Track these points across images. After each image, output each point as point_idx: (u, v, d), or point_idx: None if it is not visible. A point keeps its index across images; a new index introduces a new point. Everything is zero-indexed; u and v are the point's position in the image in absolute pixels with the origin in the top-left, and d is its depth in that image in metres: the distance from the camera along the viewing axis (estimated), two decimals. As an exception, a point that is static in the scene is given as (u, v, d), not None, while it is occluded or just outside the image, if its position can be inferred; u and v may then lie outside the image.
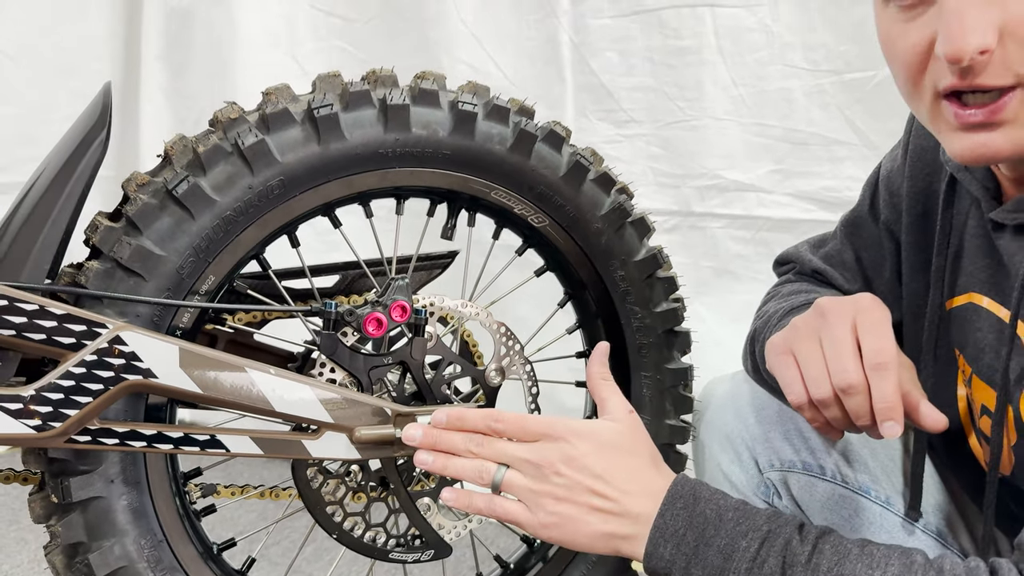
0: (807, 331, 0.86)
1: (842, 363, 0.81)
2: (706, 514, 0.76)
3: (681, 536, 0.76)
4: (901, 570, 0.70)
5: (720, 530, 0.75)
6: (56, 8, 2.29)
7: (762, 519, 0.75)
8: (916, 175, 1.00)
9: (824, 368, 0.82)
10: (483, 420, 0.84)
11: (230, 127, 0.92)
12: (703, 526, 0.76)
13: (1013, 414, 0.85)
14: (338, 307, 0.95)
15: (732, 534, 0.75)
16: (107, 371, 0.84)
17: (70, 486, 0.91)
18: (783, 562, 0.72)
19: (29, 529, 1.87)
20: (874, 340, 0.81)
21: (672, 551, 0.76)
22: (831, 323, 0.83)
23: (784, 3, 1.89)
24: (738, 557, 0.74)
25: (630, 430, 0.83)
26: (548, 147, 1.04)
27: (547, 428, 0.81)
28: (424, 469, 0.85)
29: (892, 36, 0.77)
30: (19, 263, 0.84)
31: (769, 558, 0.73)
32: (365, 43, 2.23)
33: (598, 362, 0.89)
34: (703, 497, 0.78)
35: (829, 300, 0.86)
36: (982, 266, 0.90)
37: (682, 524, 0.76)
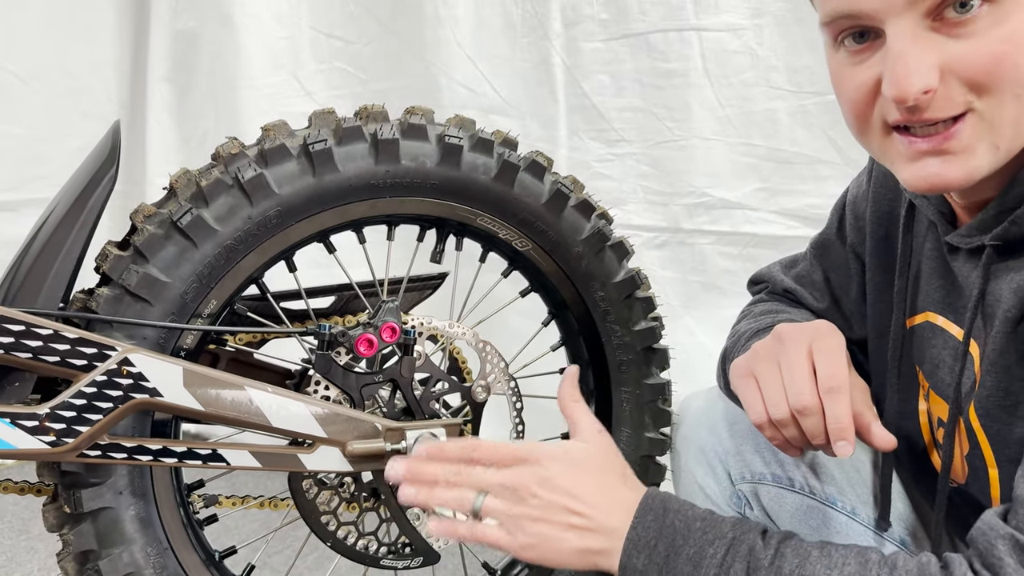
0: (767, 355, 0.91)
1: (798, 386, 0.86)
2: (675, 524, 0.80)
3: (653, 547, 0.80)
4: (857, 568, 0.74)
5: (689, 539, 0.79)
6: (66, 32, 2.34)
7: (727, 527, 0.80)
8: (879, 200, 1.05)
9: (782, 390, 0.88)
10: (460, 451, 0.88)
11: (231, 161, 0.99)
12: (672, 536, 0.80)
13: (965, 426, 0.90)
14: (331, 328, 1.01)
15: (700, 542, 0.79)
16: (116, 390, 0.90)
17: (81, 497, 0.96)
18: (748, 566, 0.76)
19: (39, 538, 1.91)
20: (828, 365, 0.87)
21: (645, 561, 0.80)
22: (788, 349, 0.89)
23: (768, 27, 1.94)
24: (706, 564, 0.78)
25: (600, 449, 0.88)
26: (531, 176, 1.10)
27: (521, 453, 0.85)
28: (408, 503, 0.88)
29: (842, 77, 0.81)
30: (35, 291, 0.90)
31: (735, 563, 0.77)
32: (366, 65, 2.29)
33: (568, 384, 0.93)
34: (672, 508, 0.82)
35: (787, 327, 0.92)
36: (937, 287, 0.95)
37: (653, 535, 0.80)
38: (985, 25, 0.72)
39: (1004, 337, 0.81)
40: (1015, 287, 0.80)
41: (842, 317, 1.15)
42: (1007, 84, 0.73)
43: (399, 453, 1.00)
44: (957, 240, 0.87)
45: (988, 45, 0.72)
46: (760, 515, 1.09)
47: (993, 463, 0.87)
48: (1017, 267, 0.80)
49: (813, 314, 1.15)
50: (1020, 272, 0.80)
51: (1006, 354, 0.81)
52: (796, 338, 0.90)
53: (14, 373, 0.91)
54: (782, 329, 0.92)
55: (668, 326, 2.04)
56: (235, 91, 2.36)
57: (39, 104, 2.32)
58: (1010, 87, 0.73)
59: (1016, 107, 0.74)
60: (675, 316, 2.11)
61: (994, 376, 0.82)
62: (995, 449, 0.86)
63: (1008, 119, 0.75)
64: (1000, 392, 0.82)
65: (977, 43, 0.72)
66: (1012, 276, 0.81)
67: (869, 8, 0.74)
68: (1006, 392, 0.81)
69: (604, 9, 2.04)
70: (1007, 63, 0.72)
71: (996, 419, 0.83)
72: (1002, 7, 0.71)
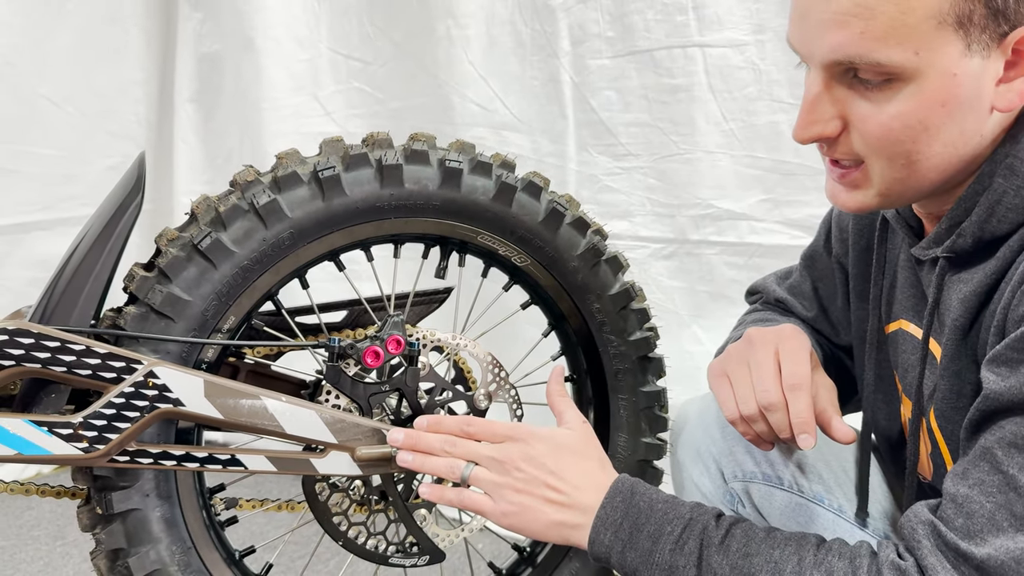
0: (738, 357, 0.98)
1: (764, 384, 0.94)
2: (639, 505, 0.88)
3: (619, 524, 0.88)
4: (796, 548, 0.82)
5: (651, 518, 0.87)
6: (95, 57, 2.42)
7: (686, 509, 0.88)
8: (861, 214, 1.11)
9: (751, 389, 0.95)
10: (457, 425, 0.98)
11: (247, 188, 1.06)
12: (637, 515, 0.88)
13: (927, 426, 0.96)
14: (340, 342, 1.08)
15: (660, 521, 0.87)
16: (142, 401, 0.97)
17: (112, 499, 1.04)
18: (700, 543, 0.84)
19: (74, 544, 1.99)
20: (791, 365, 0.94)
21: (611, 538, 0.88)
22: (757, 350, 0.97)
23: (770, 42, 1.98)
24: (663, 540, 0.85)
25: (583, 437, 0.97)
26: (528, 196, 1.16)
27: (511, 431, 0.95)
28: (405, 467, 0.98)
29: None
30: (69, 310, 0.98)
31: (689, 540, 0.84)
32: (382, 84, 2.36)
33: (555, 381, 1.03)
34: (639, 492, 0.90)
35: (756, 330, 1.00)
36: (909, 295, 1.00)
37: (620, 514, 0.88)
38: (884, 98, 0.78)
39: (955, 344, 0.86)
40: (962, 297, 0.85)
41: (830, 325, 1.21)
42: (893, 154, 0.81)
43: (405, 458, 1.07)
44: (919, 252, 0.93)
45: (882, 117, 0.79)
46: (752, 512, 1.14)
47: (950, 461, 0.92)
48: (965, 278, 0.86)
49: (802, 322, 1.20)
50: (967, 283, 0.85)
51: (957, 360, 0.86)
52: (764, 340, 0.98)
53: (50, 385, 0.99)
54: (752, 333, 1.00)
55: (676, 335, 2.12)
56: (258, 112, 2.44)
57: (70, 126, 2.40)
58: (895, 157, 0.81)
59: (903, 170, 0.82)
60: (683, 325, 2.16)
61: (947, 380, 0.88)
62: (951, 448, 0.91)
63: (895, 178, 0.83)
64: (953, 395, 0.87)
65: (875, 110, 0.79)
66: (960, 287, 0.86)
67: (801, 52, 0.83)
68: (958, 395, 0.86)
69: (610, 27, 2.09)
70: (893, 138, 0.80)
71: (950, 420, 0.88)
72: (905, 87, 0.77)
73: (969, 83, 0.77)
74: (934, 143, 0.80)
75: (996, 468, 0.73)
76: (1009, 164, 0.81)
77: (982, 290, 0.83)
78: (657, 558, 0.85)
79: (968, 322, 0.85)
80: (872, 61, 0.76)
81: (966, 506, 0.74)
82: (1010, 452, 0.73)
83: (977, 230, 0.83)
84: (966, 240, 0.84)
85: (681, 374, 1.58)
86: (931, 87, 0.77)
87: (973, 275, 0.85)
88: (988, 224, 0.82)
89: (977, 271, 0.84)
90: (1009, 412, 0.74)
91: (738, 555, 0.82)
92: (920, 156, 0.80)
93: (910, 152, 0.80)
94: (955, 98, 0.77)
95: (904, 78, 0.77)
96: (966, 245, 0.85)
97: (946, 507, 0.76)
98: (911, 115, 0.78)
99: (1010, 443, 0.73)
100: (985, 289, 0.83)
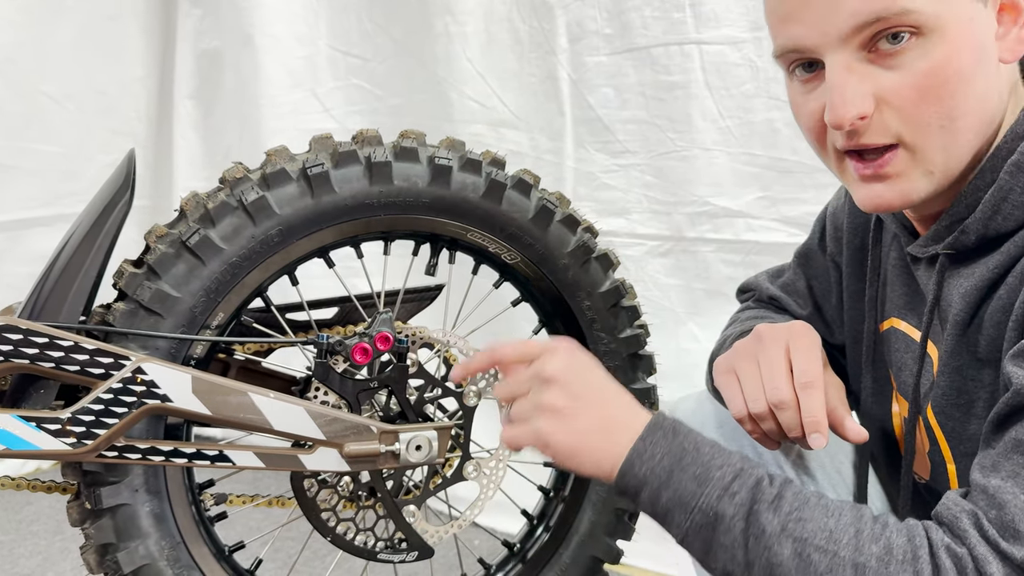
0: (747, 354, 0.97)
1: (775, 382, 0.92)
2: (684, 445, 0.81)
3: (658, 460, 0.81)
4: (853, 519, 0.76)
5: (697, 460, 0.80)
6: (96, 54, 2.44)
7: (736, 458, 0.81)
8: (855, 212, 1.10)
9: (761, 386, 0.93)
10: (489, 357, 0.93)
11: (236, 185, 1.07)
12: (680, 454, 0.81)
13: (925, 424, 0.95)
14: (329, 338, 1.09)
15: (707, 465, 0.80)
16: (131, 396, 0.98)
17: (101, 494, 1.04)
18: (752, 496, 0.77)
19: (72, 539, 2.00)
20: (803, 362, 0.92)
21: (647, 472, 0.81)
22: (767, 347, 0.95)
23: (767, 39, 1.95)
24: (712, 483, 0.79)
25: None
26: (518, 193, 1.17)
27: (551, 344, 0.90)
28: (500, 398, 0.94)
29: (798, 105, 0.87)
30: (58, 306, 0.99)
31: (741, 491, 0.78)
32: (381, 81, 2.36)
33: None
34: (682, 431, 0.83)
35: (766, 327, 0.98)
36: (900, 294, 1.00)
37: (660, 450, 0.81)
38: (912, 57, 0.78)
39: (955, 339, 0.86)
40: (963, 292, 0.85)
41: (824, 323, 1.21)
42: (931, 115, 0.79)
43: (393, 455, 1.08)
44: (916, 250, 0.92)
45: (915, 78, 0.78)
46: None
47: (951, 458, 0.92)
48: (966, 273, 0.86)
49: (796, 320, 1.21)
50: (968, 278, 0.85)
51: (957, 355, 0.86)
52: (774, 337, 0.95)
53: (39, 381, 0.99)
54: (761, 329, 0.98)
55: (673, 332, 2.13)
56: (257, 108, 2.45)
57: (71, 123, 2.42)
58: (934, 117, 0.79)
59: (942, 136, 0.80)
60: (679, 322, 2.16)
61: (947, 376, 0.88)
62: (951, 445, 0.91)
63: (936, 147, 0.81)
64: (953, 391, 0.87)
65: (905, 75, 0.78)
66: (961, 282, 0.86)
67: (811, 43, 0.80)
68: (959, 392, 0.86)
69: (608, 24, 2.10)
70: (931, 96, 0.78)
71: (951, 417, 0.88)
72: (929, 39, 0.77)
73: (983, 29, 0.78)
74: (970, 95, 0.79)
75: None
76: (1016, 161, 0.81)
77: (984, 284, 0.83)
78: (701, 502, 0.79)
79: (969, 317, 0.84)
80: (900, 8, 0.76)
81: (998, 497, 0.72)
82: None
83: (981, 227, 0.83)
84: (969, 237, 0.84)
85: (677, 371, 1.59)
86: (954, 34, 0.77)
87: (974, 270, 0.84)
88: (993, 221, 0.82)
89: (979, 266, 0.84)
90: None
91: (790, 517, 0.76)
92: (958, 112, 0.79)
93: (950, 109, 0.79)
94: (978, 45, 0.78)
95: (928, 29, 0.77)
96: (968, 242, 0.85)
97: (977, 497, 0.74)
98: (946, 64, 0.77)
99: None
100: (987, 284, 0.83)
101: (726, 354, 1.02)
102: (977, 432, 0.85)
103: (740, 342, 1.01)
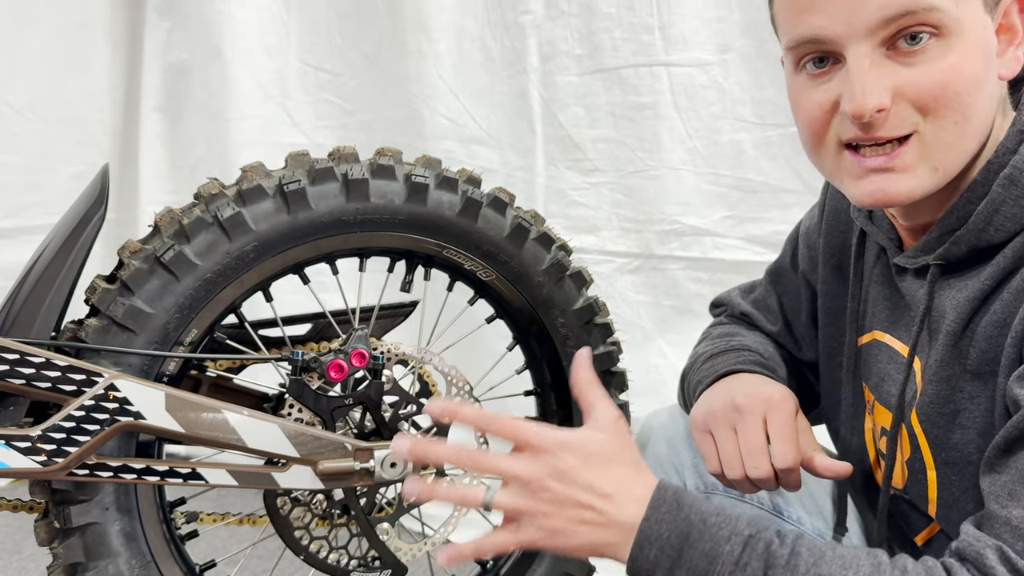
0: (724, 419, 0.98)
1: (754, 459, 0.95)
2: (690, 518, 0.79)
3: (666, 540, 0.78)
4: (871, 570, 0.74)
5: (704, 534, 0.78)
6: (61, 64, 2.40)
7: (743, 524, 0.80)
8: (831, 232, 1.12)
9: (738, 456, 0.95)
10: (475, 419, 0.85)
11: (211, 201, 1.06)
12: (687, 530, 0.78)
13: (908, 432, 0.97)
14: (304, 355, 1.08)
15: (716, 538, 0.78)
16: (103, 414, 0.97)
17: (70, 513, 1.03)
18: (765, 563, 0.76)
19: (30, 558, 1.95)
20: (781, 444, 0.95)
21: (657, 554, 0.78)
22: (746, 419, 0.97)
23: (734, 62, 2.02)
24: (722, 560, 0.77)
25: (617, 439, 0.84)
26: (493, 211, 1.18)
27: (537, 440, 0.81)
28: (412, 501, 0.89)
29: (801, 98, 0.89)
30: (29, 322, 0.98)
31: (752, 561, 0.76)
32: (351, 96, 2.36)
33: (583, 367, 0.88)
34: (686, 503, 0.80)
35: (744, 398, 0.98)
36: (883, 307, 1.01)
37: (666, 528, 0.79)
38: (932, 56, 0.80)
39: (947, 349, 0.87)
40: (955, 303, 0.87)
41: (793, 339, 1.23)
42: (949, 110, 0.81)
43: (368, 472, 1.07)
44: (904, 261, 0.94)
45: (934, 73, 0.80)
46: None
47: (932, 465, 0.93)
48: (958, 285, 0.87)
49: (767, 336, 1.23)
50: (960, 289, 0.87)
51: (947, 365, 0.87)
52: (752, 409, 0.97)
53: (9, 398, 0.98)
54: (738, 398, 0.99)
55: (642, 348, 2.14)
56: (225, 122, 2.42)
57: (35, 134, 2.37)
58: (951, 113, 0.81)
59: (955, 131, 0.82)
60: (648, 338, 2.19)
61: (935, 385, 0.89)
62: (934, 452, 0.92)
63: (947, 142, 0.83)
64: (941, 400, 0.88)
65: (925, 70, 0.80)
66: (953, 293, 0.88)
67: (833, 34, 0.82)
68: (946, 401, 0.87)
69: (578, 45, 2.12)
70: (949, 90, 0.80)
71: (936, 424, 0.89)
72: (947, 40, 0.80)
73: (991, 41, 0.82)
74: (983, 96, 0.82)
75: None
76: (1009, 175, 0.83)
77: (977, 296, 0.85)
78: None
79: (961, 328, 0.86)
80: (928, 4, 0.78)
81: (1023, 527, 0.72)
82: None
83: (974, 238, 0.85)
84: (960, 248, 0.86)
85: (646, 388, 1.61)
86: (972, 37, 0.80)
87: (967, 282, 0.86)
88: (985, 233, 0.84)
89: (971, 278, 0.86)
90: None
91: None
92: (972, 112, 0.82)
93: (966, 107, 0.81)
94: (989, 50, 0.81)
95: (948, 31, 0.79)
96: (960, 253, 0.86)
97: (1000, 531, 0.74)
98: (963, 66, 0.80)
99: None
100: (980, 296, 0.84)
101: (703, 409, 1.02)
102: (960, 442, 0.87)
103: (718, 402, 1.00)
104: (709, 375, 1.09)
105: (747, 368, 1.08)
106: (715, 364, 1.11)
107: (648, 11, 2.04)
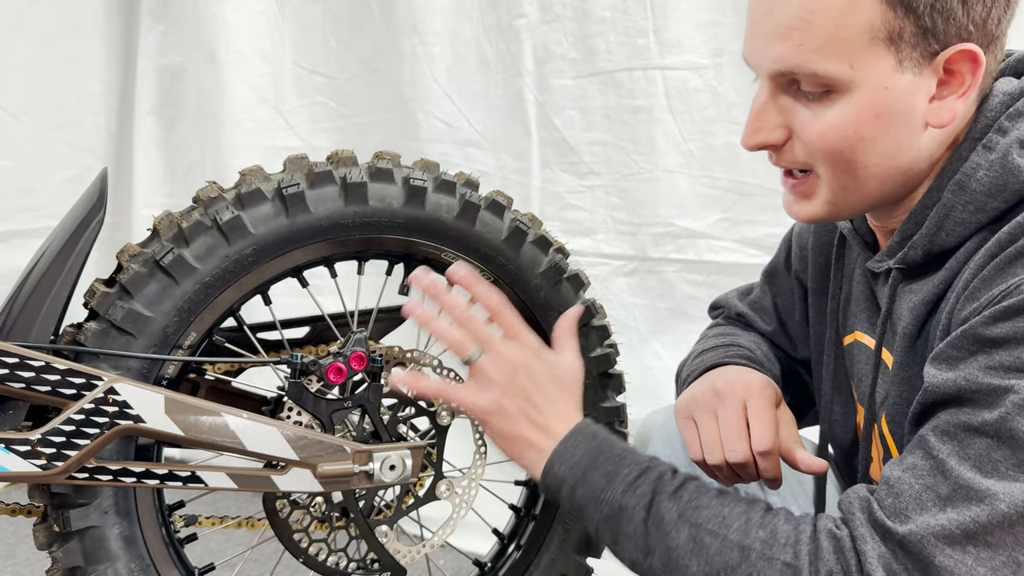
0: (706, 406, 1.02)
1: (732, 443, 0.97)
2: (600, 447, 0.90)
3: (576, 461, 0.90)
4: (746, 508, 0.83)
5: (610, 459, 0.89)
6: (55, 67, 2.39)
7: (645, 458, 0.90)
8: (820, 232, 1.15)
9: (718, 441, 0.98)
10: (488, 299, 0.97)
11: (210, 204, 1.06)
12: (596, 455, 0.89)
13: (879, 431, 0.99)
14: (303, 358, 1.08)
15: (617, 463, 0.88)
16: (102, 417, 0.97)
17: (69, 517, 1.02)
18: (654, 489, 0.85)
19: (25, 563, 1.95)
20: (759, 428, 0.98)
21: (566, 471, 0.90)
22: (725, 404, 1.00)
23: (728, 66, 2.03)
24: (618, 481, 0.87)
25: (576, 376, 0.99)
26: (491, 214, 1.18)
27: (527, 339, 0.97)
28: (410, 316, 0.97)
29: None
30: (28, 325, 0.97)
31: (643, 484, 0.86)
32: (346, 100, 2.37)
33: (571, 317, 1.03)
34: (601, 436, 0.92)
35: (724, 383, 1.02)
36: (863, 308, 1.04)
37: (579, 452, 0.90)
38: (819, 109, 0.83)
39: (904, 351, 0.90)
40: (911, 306, 0.89)
41: (788, 339, 1.24)
42: (830, 162, 0.85)
43: (367, 475, 1.08)
44: (873, 265, 0.97)
45: (817, 126, 0.84)
46: None
47: None
48: (915, 289, 0.90)
49: (762, 336, 1.24)
50: (916, 293, 0.89)
51: (907, 367, 0.90)
52: (732, 395, 1.00)
53: (8, 402, 0.98)
54: (718, 383, 1.02)
55: (637, 351, 2.15)
56: (220, 125, 2.43)
57: (28, 137, 2.37)
58: (834, 164, 0.85)
59: (845, 179, 0.86)
60: (644, 341, 2.20)
61: (898, 387, 0.92)
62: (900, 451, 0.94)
63: (839, 185, 0.87)
64: (903, 401, 0.91)
65: (813, 121, 0.84)
66: (910, 297, 0.90)
67: (752, 64, 0.87)
68: (908, 402, 0.89)
69: (573, 48, 2.13)
70: (830, 145, 0.84)
71: (900, 425, 0.92)
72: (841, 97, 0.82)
73: (902, 97, 0.82)
74: (871, 153, 0.84)
75: (928, 454, 0.77)
76: (958, 180, 0.85)
77: (930, 300, 0.87)
78: (608, 495, 0.87)
79: (916, 330, 0.89)
80: (810, 72, 0.81)
81: (896, 487, 0.77)
82: (942, 439, 0.76)
83: (927, 243, 0.87)
84: (917, 252, 0.88)
85: (642, 389, 1.61)
86: (865, 99, 0.82)
87: (923, 286, 0.89)
88: (937, 237, 0.86)
89: (926, 282, 0.88)
90: (944, 404, 0.78)
91: (688, 505, 0.84)
92: (859, 165, 0.85)
93: (849, 161, 0.84)
94: (888, 111, 0.82)
95: (840, 90, 0.81)
96: (917, 257, 0.89)
97: (880, 488, 0.79)
98: (847, 125, 0.83)
99: (943, 431, 0.77)
100: (933, 299, 0.87)
101: (686, 398, 1.06)
102: None
103: (699, 390, 1.04)
104: (697, 369, 1.12)
105: (733, 360, 1.11)
106: (704, 359, 1.14)
107: (642, 15, 2.06)
